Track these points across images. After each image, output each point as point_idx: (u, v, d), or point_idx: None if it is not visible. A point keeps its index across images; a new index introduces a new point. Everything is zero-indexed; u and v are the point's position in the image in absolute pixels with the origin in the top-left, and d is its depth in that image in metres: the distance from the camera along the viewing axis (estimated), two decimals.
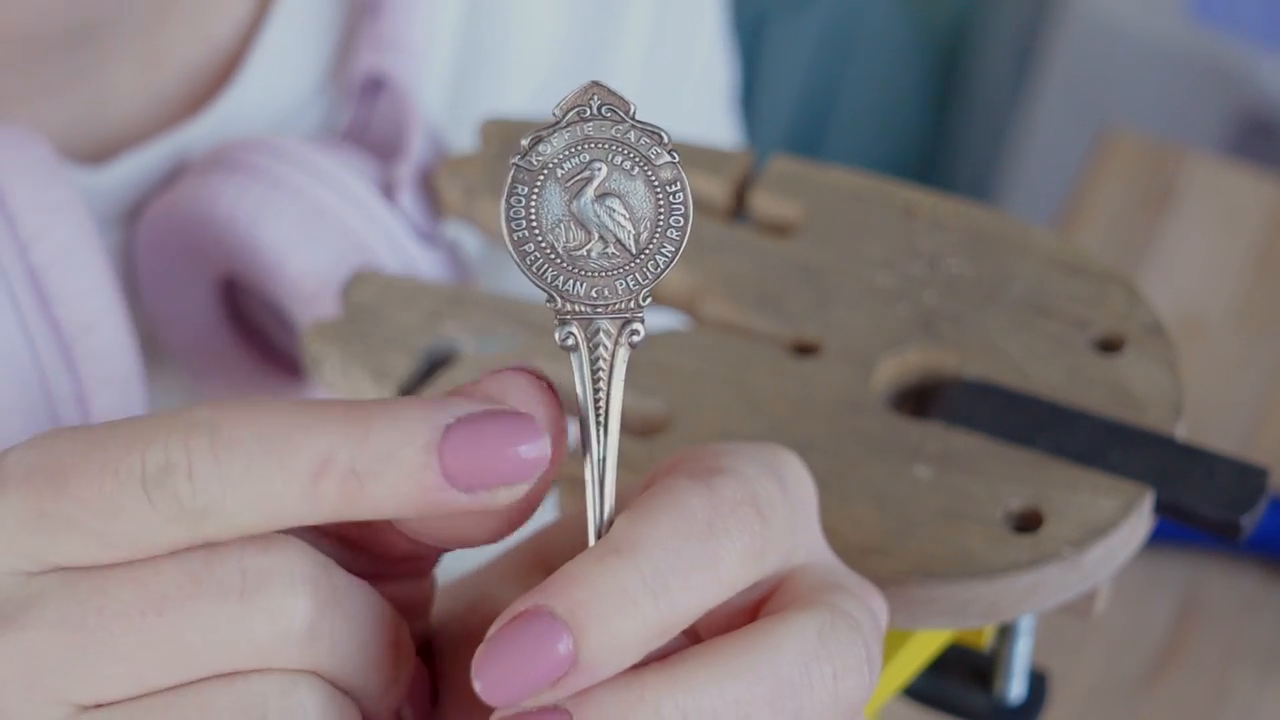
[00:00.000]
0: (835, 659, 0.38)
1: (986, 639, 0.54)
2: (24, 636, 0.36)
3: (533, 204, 0.38)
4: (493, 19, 0.67)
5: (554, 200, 0.38)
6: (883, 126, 1.72)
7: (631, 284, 0.38)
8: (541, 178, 0.38)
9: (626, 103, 0.39)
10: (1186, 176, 1.13)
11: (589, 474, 0.38)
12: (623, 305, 0.38)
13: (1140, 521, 0.49)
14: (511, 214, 0.38)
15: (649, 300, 0.38)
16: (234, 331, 0.61)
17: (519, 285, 0.69)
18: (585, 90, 0.39)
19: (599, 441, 0.38)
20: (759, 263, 0.54)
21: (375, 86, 0.61)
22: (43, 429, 0.53)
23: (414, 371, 0.52)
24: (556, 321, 0.38)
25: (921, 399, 0.52)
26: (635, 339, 0.38)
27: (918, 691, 0.55)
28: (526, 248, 0.38)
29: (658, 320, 0.58)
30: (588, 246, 0.38)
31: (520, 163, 0.38)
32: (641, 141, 0.39)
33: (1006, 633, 0.53)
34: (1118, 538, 0.48)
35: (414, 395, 0.51)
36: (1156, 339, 0.52)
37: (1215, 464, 0.49)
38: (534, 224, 0.38)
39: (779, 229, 0.56)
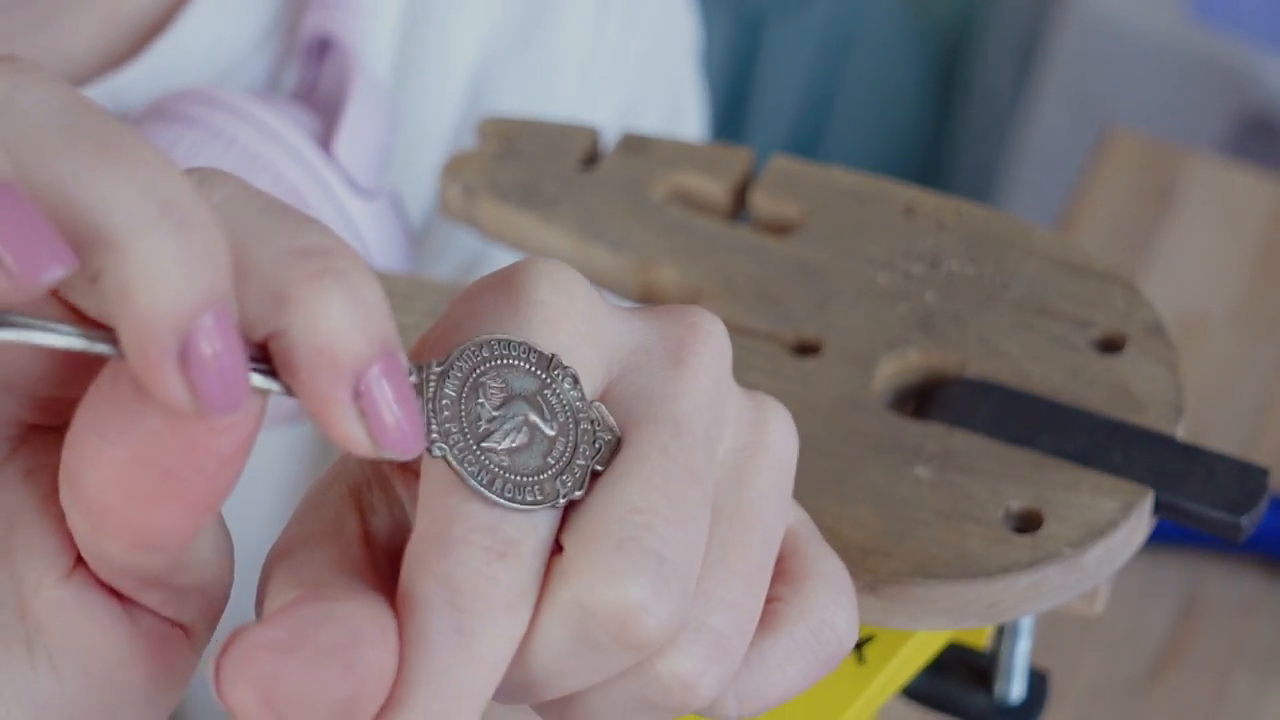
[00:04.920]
0: (700, 441, 0.36)
1: (986, 639, 0.54)
2: None
3: (502, 373, 0.37)
4: None
5: (518, 382, 0.37)
6: (883, 126, 1.72)
7: (462, 460, 0.36)
8: (540, 366, 0.37)
9: (613, 428, 0.37)
10: (1187, 176, 1.13)
11: None
12: (451, 437, 0.36)
13: (1140, 522, 0.49)
14: (487, 355, 0.37)
15: (466, 475, 0.36)
16: None
17: (464, 256, 0.69)
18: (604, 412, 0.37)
19: None
20: (759, 262, 0.54)
21: (323, 47, 0.61)
22: None
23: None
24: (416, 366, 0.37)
25: (922, 399, 0.52)
26: (432, 450, 0.36)
27: (918, 691, 0.55)
28: (458, 362, 0.37)
29: None
30: (489, 419, 0.37)
31: (543, 356, 0.37)
32: (588, 451, 0.37)
33: (1006, 633, 0.53)
34: (1118, 538, 0.48)
35: None
36: (1157, 339, 0.52)
37: (1216, 464, 0.49)
38: (486, 360, 0.37)
39: (779, 229, 0.56)
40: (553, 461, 0.37)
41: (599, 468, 0.37)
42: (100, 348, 0.33)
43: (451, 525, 0.35)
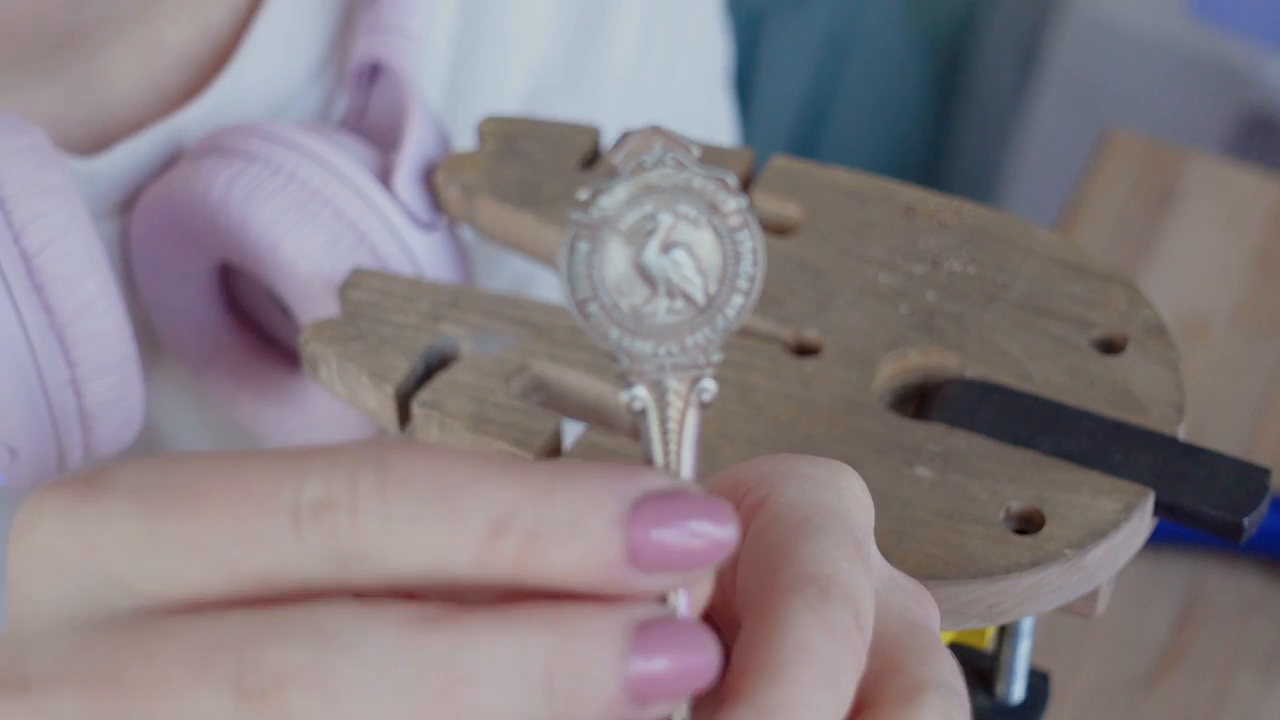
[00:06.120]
0: None
1: (987, 640, 0.54)
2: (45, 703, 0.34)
3: (594, 260, 0.36)
4: (488, 3, 0.67)
5: (617, 255, 0.36)
6: (883, 126, 1.72)
7: (701, 339, 0.36)
8: (603, 232, 0.36)
9: (690, 147, 0.36)
10: (1188, 176, 1.13)
11: None
12: (691, 362, 0.36)
13: (1141, 522, 0.49)
14: (573, 273, 0.36)
15: (720, 357, 0.37)
16: (232, 321, 0.61)
17: (514, 275, 0.69)
18: (646, 135, 0.36)
19: None
20: None
21: (373, 73, 0.61)
22: (39, 416, 0.53)
23: (412, 372, 0.52)
24: (624, 384, 0.36)
25: (923, 399, 0.52)
26: (705, 397, 0.36)
27: None
28: (590, 308, 0.36)
29: None
30: (654, 303, 0.36)
31: (581, 217, 0.36)
32: (707, 188, 0.36)
33: (1007, 633, 0.53)
34: (1119, 539, 0.48)
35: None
36: (1158, 339, 0.52)
37: (1217, 464, 0.49)
38: (596, 282, 0.36)
39: (779, 229, 0.56)
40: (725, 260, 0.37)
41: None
42: None
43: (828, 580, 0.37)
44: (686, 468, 0.37)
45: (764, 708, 0.36)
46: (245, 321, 0.62)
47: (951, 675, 0.39)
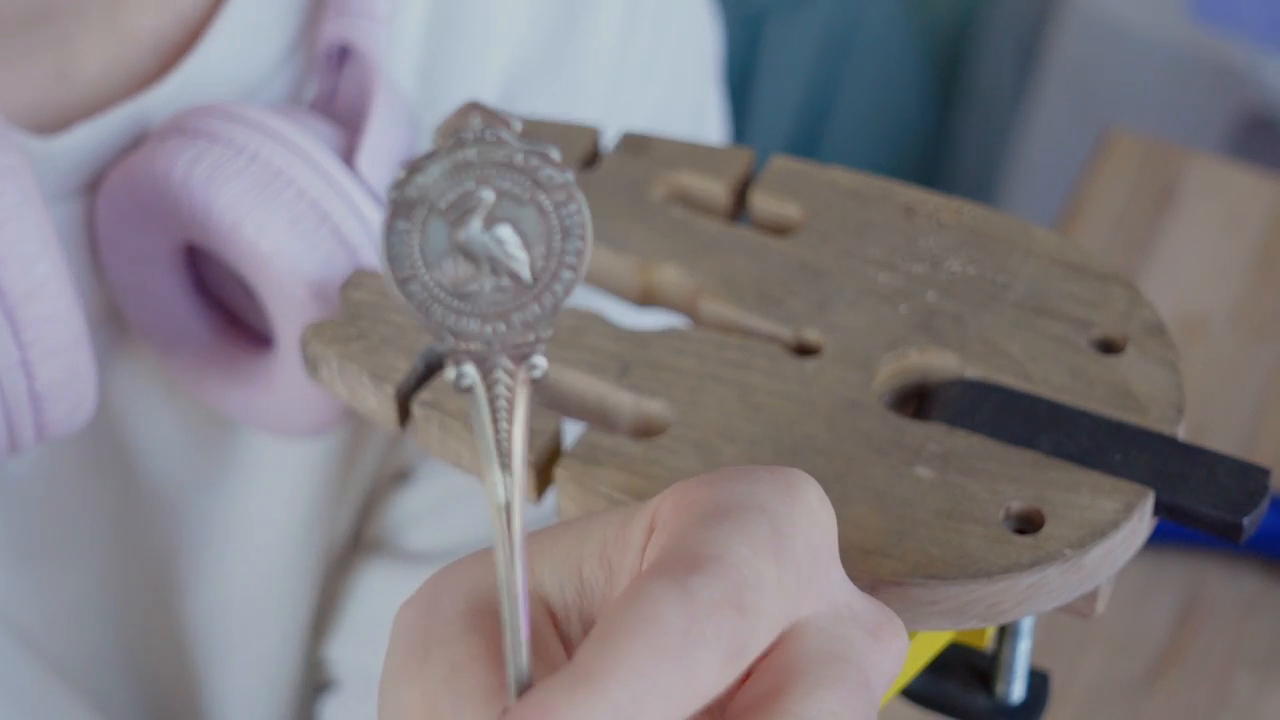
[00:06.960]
0: None
1: (987, 639, 0.54)
2: None
3: (414, 239, 0.35)
4: None
5: (437, 233, 0.35)
6: (883, 126, 1.72)
7: (529, 317, 0.36)
8: (419, 210, 0.35)
9: (509, 121, 0.36)
10: (1188, 176, 1.13)
11: (496, 522, 0.36)
12: (520, 340, 0.36)
13: (1141, 522, 0.49)
14: (393, 251, 0.35)
15: (550, 332, 0.36)
16: (198, 302, 0.61)
17: None
18: (463, 112, 0.36)
19: (504, 487, 0.36)
20: (759, 263, 0.54)
21: (342, 56, 0.61)
22: None
23: (412, 372, 0.52)
24: (450, 362, 0.36)
25: (922, 399, 0.52)
26: (535, 374, 0.36)
27: (918, 692, 0.55)
28: (411, 287, 0.35)
29: (658, 320, 0.58)
30: (479, 281, 0.36)
31: (396, 196, 0.35)
32: (530, 163, 0.35)
33: (1007, 633, 0.53)
34: (1119, 538, 0.48)
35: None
36: (1158, 339, 0.52)
37: (1217, 464, 0.49)
38: (416, 260, 0.35)
39: (779, 229, 0.56)
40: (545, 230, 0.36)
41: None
42: None
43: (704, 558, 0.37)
44: (518, 444, 0.36)
45: (581, 675, 0.34)
46: (212, 303, 0.61)
47: (829, 715, 0.37)
